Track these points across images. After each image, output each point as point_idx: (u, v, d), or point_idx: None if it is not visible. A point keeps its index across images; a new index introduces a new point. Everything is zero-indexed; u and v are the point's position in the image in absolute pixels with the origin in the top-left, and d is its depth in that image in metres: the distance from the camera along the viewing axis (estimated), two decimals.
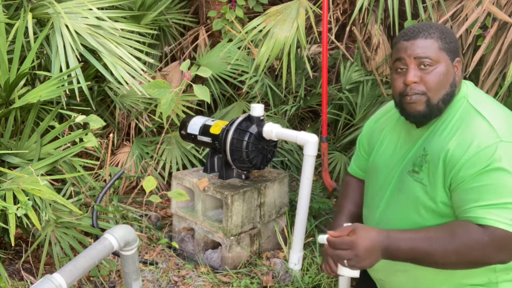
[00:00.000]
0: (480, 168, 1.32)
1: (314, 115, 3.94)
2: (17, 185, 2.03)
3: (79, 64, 2.58)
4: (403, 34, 1.47)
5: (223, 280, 2.37)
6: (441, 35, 1.44)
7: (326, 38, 3.04)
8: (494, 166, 1.31)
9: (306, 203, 2.37)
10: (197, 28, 3.94)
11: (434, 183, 1.40)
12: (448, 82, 1.42)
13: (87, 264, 1.50)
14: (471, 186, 1.33)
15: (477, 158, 1.32)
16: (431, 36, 1.43)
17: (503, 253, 1.31)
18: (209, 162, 2.64)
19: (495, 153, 1.31)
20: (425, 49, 1.41)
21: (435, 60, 1.41)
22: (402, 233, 1.39)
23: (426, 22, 1.49)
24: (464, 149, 1.35)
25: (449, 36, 1.45)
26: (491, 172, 1.31)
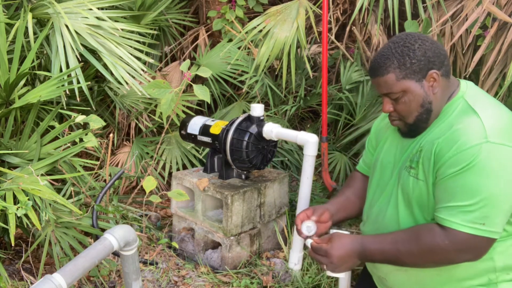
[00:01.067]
0: (460, 167, 1.34)
1: (314, 115, 3.94)
2: (17, 185, 2.03)
3: (79, 64, 2.58)
4: (369, 70, 1.54)
5: (223, 280, 2.37)
6: (399, 62, 1.43)
7: (326, 38, 3.04)
8: (470, 165, 1.33)
9: (306, 203, 2.37)
10: (197, 28, 3.94)
11: (427, 178, 1.44)
12: (417, 104, 1.46)
13: (87, 264, 1.50)
14: (448, 186, 1.37)
15: (460, 156, 1.35)
16: (387, 71, 1.45)
17: (466, 254, 1.36)
18: (209, 162, 2.64)
19: (477, 153, 1.32)
20: (385, 86, 1.47)
21: (398, 91, 1.46)
22: (374, 237, 1.52)
23: (385, 50, 1.47)
24: (450, 146, 1.37)
25: (410, 57, 1.43)
26: (468, 171, 1.33)
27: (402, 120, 1.52)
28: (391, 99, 1.50)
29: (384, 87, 1.48)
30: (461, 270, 1.44)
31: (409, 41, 1.45)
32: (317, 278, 2.34)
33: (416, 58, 1.43)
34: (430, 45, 1.44)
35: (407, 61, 1.43)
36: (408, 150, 1.54)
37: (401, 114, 1.50)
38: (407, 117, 1.49)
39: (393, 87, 1.46)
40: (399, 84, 1.45)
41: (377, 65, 1.47)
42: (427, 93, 1.45)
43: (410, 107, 1.47)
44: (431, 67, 1.44)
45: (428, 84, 1.45)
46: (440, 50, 1.46)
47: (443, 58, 1.46)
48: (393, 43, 1.47)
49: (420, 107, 1.46)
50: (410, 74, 1.44)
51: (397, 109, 1.50)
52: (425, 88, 1.45)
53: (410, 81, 1.44)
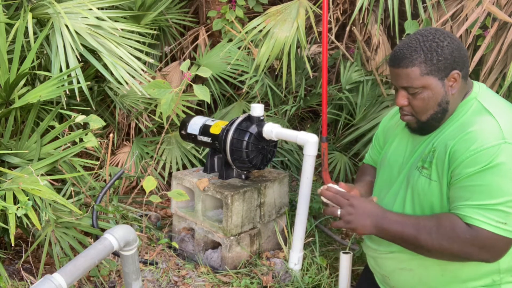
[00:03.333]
0: (479, 167, 1.33)
1: (314, 115, 3.94)
2: (17, 185, 2.03)
3: (79, 64, 2.58)
4: (391, 58, 1.50)
5: (223, 280, 2.37)
6: (426, 57, 1.41)
7: (326, 38, 3.04)
8: (492, 165, 1.31)
9: (306, 203, 2.37)
10: (197, 28, 3.94)
11: (441, 179, 1.42)
12: (435, 103, 1.45)
13: (87, 264, 1.50)
14: (466, 184, 1.35)
15: (478, 156, 1.33)
16: (412, 63, 1.42)
17: (485, 253, 1.34)
18: (209, 162, 2.64)
19: (496, 153, 1.32)
20: (407, 79, 1.44)
21: (419, 86, 1.43)
22: (395, 214, 1.47)
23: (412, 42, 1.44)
24: (467, 146, 1.36)
25: (437, 53, 1.41)
26: (488, 171, 1.32)
27: (414, 116, 1.49)
28: (408, 93, 1.47)
29: (404, 80, 1.44)
30: (466, 271, 1.44)
31: (439, 37, 1.42)
32: (317, 278, 2.34)
33: (443, 56, 1.40)
34: (457, 45, 1.43)
35: (434, 57, 1.40)
36: (419, 150, 1.53)
37: (416, 110, 1.48)
38: (421, 114, 1.47)
39: (415, 81, 1.43)
40: (422, 79, 1.42)
41: (402, 56, 1.43)
42: (446, 92, 1.44)
43: (427, 104, 1.45)
44: (455, 67, 1.42)
45: (448, 84, 1.43)
46: (465, 52, 1.45)
47: (466, 60, 1.45)
48: (422, 36, 1.43)
49: (437, 105, 1.45)
50: (434, 71, 1.41)
51: (413, 104, 1.47)
52: (445, 87, 1.43)
53: (433, 78, 1.42)
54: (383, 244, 1.60)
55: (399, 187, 1.57)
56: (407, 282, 1.55)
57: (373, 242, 1.67)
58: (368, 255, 1.72)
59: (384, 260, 1.61)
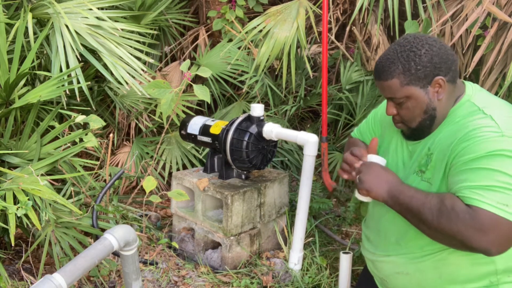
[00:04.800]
0: (478, 153, 1.31)
1: (314, 115, 3.94)
2: (17, 185, 2.03)
3: (79, 64, 2.58)
4: (373, 71, 1.50)
5: (223, 280, 2.37)
6: (404, 68, 1.40)
7: (326, 38, 3.04)
8: (491, 153, 1.30)
9: (306, 203, 2.37)
10: (197, 28, 3.94)
11: (441, 182, 1.41)
12: (421, 111, 1.45)
13: (87, 264, 1.50)
14: (464, 168, 1.33)
15: (477, 145, 1.32)
16: (392, 75, 1.42)
17: (486, 238, 1.27)
18: (209, 162, 2.64)
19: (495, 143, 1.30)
20: (389, 91, 1.45)
21: (402, 97, 1.44)
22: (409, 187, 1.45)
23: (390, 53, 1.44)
24: (466, 139, 1.35)
25: (415, 62, 1.39)
26: (487, 157, 1.30)
27: (404, 123, 1.51)
28: (394, 103, 1.48)
29: (387, 92, 1.46)
30: (463, 273, 1.43)
31: (416, 45, 1.41)
32: (317, 278, 2.34)
33: (421, 64, 1.39)
34: (437, 50, 1.40)
35: (412, 67, 1.40)
36: (415, 154, 1.52)
37: (403, 118, 1.49)
38: (410, 122, 1.48)
39: (397, 92, 1.44)
40: (403, 90, 1.42)
41: (382, 68, 1.45)
42: (431, 99, 1.43)
43: (413, 113, 1.46)
44: (437, 73, 1.41)
45: (433, 90, 1.42)
46: (449, 55, 1.42)
47: (451, 64, 1.42)
48: (400, 46, 1.43)
49: (423, 113, 1.45)
50: (414, 80, 1.41)
51: (400, 113, 1.49)
52: (429, 94, 1.43)
53: (415, 87, 1.42)
54: (380, 248, 1.60)
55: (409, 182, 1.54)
56: (405, 286, 1.55)
57: (371, 244, 1.67)
58: (367, 258, 1.72)
59: (381, 264, 1.61)
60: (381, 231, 1.61)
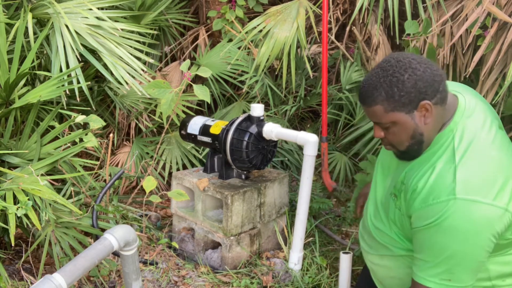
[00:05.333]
0: (427, 222, 1.33)
1: (314, 115, 3.94)
2: (17, 185, 2.03)
3: (79, 64, 2.58)
4: (358, 95, 1.46)
5: (223, 280, 2.37)
6: (387, 94, 1.34)
7: (326, 38, 3.04)
8: (435, 223, 1.31)
9: (306, 203, 2.37)
10: (197, 28, 3.94)
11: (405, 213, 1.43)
12: (407, 136, 1.39)
13: (87, 264, 1.50)
14: (417, 237, 1.39)
15: (427, 211, 1.33)
16: (375, 102, 1.36)
17: None
18: (209, 162, 2.64)
19: (444, 210, 1.30)
20: (374, 116, 1.40)
21: (387, 122, 1.39)
22: None
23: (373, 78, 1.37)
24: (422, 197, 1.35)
25: (399, 88, 1.33)
26: (434, 228, 1.32)
27: (392, 146, 1.47)
28: (381, 127, 1.44)
29: (373, 117, 1.41)
30: None
31: (399, 70, 1.33)
32: (317, 278, 2.34)
33: (405, 90, 1.32)
34: (421, 74, 1.32)
35: (395, 93, 1.33)
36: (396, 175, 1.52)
37: (391, 142, 1.45)
38: (398, 145, 1.44)
39: (382, 118, 1.38)
40: (388, 116, 1.37)
41: (365, 94, 1.39)
42: (418, 124, 1.37)
43: (400, 138, 1.41)
44: (422, 98, 1.33)
45: (419, 115, 1.36)
46: (434, 76, 1.34)
47: (438, 86, 1.34)
48: (382, 71, 1.36)
49: (410, 138, 1.39)
50: (399, 106, 1.34)
51: (387, 137, 1.44)
52: (416, 119, 1.36)
53: (400, 113, 1.35)
54: (373, 248, 1.60)
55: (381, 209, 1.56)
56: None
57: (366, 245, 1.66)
58: (365, 259, 1.72)
59: (377, 267, 1.62)
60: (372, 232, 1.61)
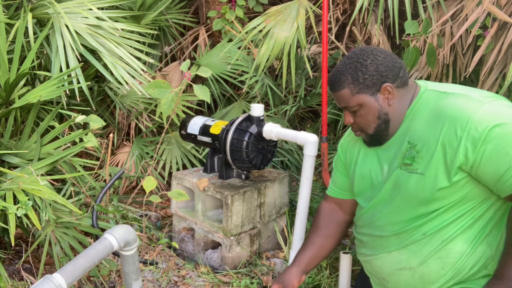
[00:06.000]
0: (480, 137, 1.34)
1: (314, 115, 3.94)
2: (17, 185, 2.03)
3: (79, 64, 2.58)
4: (327, 84, 1.62)
5: (223, 280, 2.37)
6: (353, 77, 1.50)
7: (326, 38, 3.04)
8: (490, 127, 1.33)
9: (306, 203, 2.37)
10: (197, 28, 3.94)
11: (433, 170, 1.43)
12: (374, 117, 1.53)
13: (87, 264, 1.50)
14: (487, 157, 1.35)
15: (473, 129, 1.35)
16: (342, 86, 1.52)
17: None
18: (209, 162, 2.64)
19: (485, 116, 1.35)
20: (342, 100, 1.55)
21: (354, 105, 1.53)
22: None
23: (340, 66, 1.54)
24: (457, 127, 1.38)
25: (362, 72, 1.49)
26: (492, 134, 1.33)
27: (362, 131, 1.58)
28: (350, 112, 1.57)
29: (341, 101, 1.55)
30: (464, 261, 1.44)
31: (362, 56, 1.51)
32: (317, 278, 2.34)
33: (368, 73, 1.49)
34: (382, 60, 1.50)
35: (360, 76, 1.50)
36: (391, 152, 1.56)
37: (359, 126, 1.57)
38: (366, 128, 1.56)
39: (349, 101, 1.53)
40: (354, 98, 1.52)
41: (333, 80, 1.55)
42: (382, 105, 1.52)
43: (367, 120, 1.54)
44: (384, 81, 1.50)
45: (383, 97, 1.51)
46: (394, 62, 1.51)
47: (397, 71, 1.51)
48: (348, 59, 1.53)
49: (377, 119, 1.53)
50: (363, 88, 1.50)
51: (356, 121, 1.57)
52: (379, 101, 1.51)
53: (364, 95, 1.51)
54: (378, 248, 1.60)
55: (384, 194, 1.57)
56: (407, 283, 1.55)
57: (366, 248, 1.67)
58: (363, 261, 1.72)
59: (382, 263, 1.60)
60: (375, 232, 1.62)
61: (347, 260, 2.05)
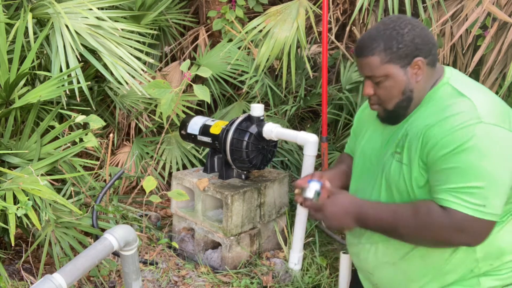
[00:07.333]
0: (453, 147, 1.30)
1: (314, 115, 3.94)
2: (17, 185, 2.03)
3: (79, 64, 2.58)
4: (354, 48, 1.49)
5: (223, 280, 2.37)
6: (385, 45, 1.39)
7: (326, 38, 3.04)
8: (466, 146, 1.29)
9: None
10: (197, 28, 3.94)
11: (412, 162, 1.41)
12: (399, 91, 1.43)
13: (87, 264, 1.50)
14: (442, 167, 1.33)
15: (453, 137, 1.31)
16: (372, 52, 1.41)
17: (464, 236, 1.32)
18: (209, 162, 2.64)
19: (471, 134, 1.29)
20: (369, 68, 1.43)
21: (381, 75, 1.42)
22: (372, 203, 1.49)
23: (373, 31, 1.43)
24: (442, 127, 1.34)
25: (397, 41, 1.39)
26: (462, 153, 1.29)
27: (381, 105, 1.49)
28: (372, 82, 1.46)
29: (367, 69, 1.44)
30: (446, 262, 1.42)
31: (399, 24, 1.40)
32: (317, 278, 2.34)
33: (403, 43, 1.39)
34: (420, 32, 1.40)
35: (394, 45, 1.39)
36: (392, 137, 1.51)
37: (381, 99, 1.47)
38: (386, 102, 1.47)
39: (376, 70, 1.42)
40: (382, 68, 1.41)
41: (363, 45, 1.43)
42: (410, 80, 1.42)
43: (391, 93, 1.44)
44: (417, 54, 1.40)
45: (412, 71, 1.42)
46: (430, 38, 1.42)
47: (431, 47, 1.42)
48: (383, 25, 1.42)
49: (401, 94, 1.44)
50: (395, 59, 1.40)
51: (377, 93, 1.46)
52: (408, 75, 1.42)
53: (394, 66, 1.41)
54: (365, 236, 1.58)
55: (374, 176, 1.55)
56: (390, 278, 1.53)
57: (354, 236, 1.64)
58: (352, 253, 1.69)
59: (366, 254, 1.58)
60: None
61: (347, 260, 2.05)
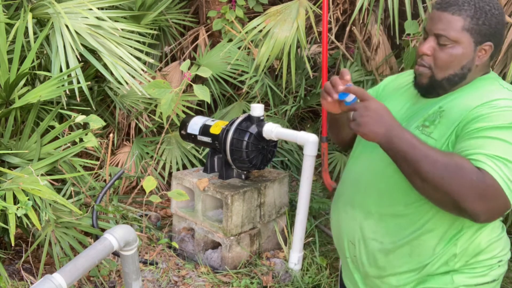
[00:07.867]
0: (498, 123, 1.27)
1: (314, 115, 3.94)
2: (17, 185, 2.03)
3: (79, 64, 2.58)
4: (437, 1, 1.41)
5: (223, 280, 2.37)
6: (474, 13, 1.34)
7: (326, 38, 3.04)
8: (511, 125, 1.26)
9: (306, 203, 2.37)
10: (197, 28, 3.94)
11: (441, 137, 1.36)
12: (459, 64, 1.38)
13: (87, 264, 1.49)
14: (480, 135, 1.28)
15: (499, 115, 1.28)
16: (459, 13, 1.34)
17: (481, 204, 1.24)
18: (209, 162, 2.64)
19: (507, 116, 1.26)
20: (446, 27, 1.36)
21: (453, 40, 1.36)
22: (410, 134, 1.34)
23: None
24: (488, 106, 1.30)
25: (486, 17, 1.34)
26: (506, 130, 1.26)
27: (430, 70, 1.42)
28: (437, 43, 1.38)
29: (443, 25, 1.36)
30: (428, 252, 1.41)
31: (494, 5, 1.36)
32: (317, 278, 2.34)
33: (489, 22, 1.34)
34: (503, 22, 1.38)
35: (481, 18, 1.34)
36: (420, 112, 1.46)
37: (437, 62, 1.39)
38: (440, 69, 1.40)
39: (451, 31, 1.35)
40: (460, 33, 1.35)
41: (453, 1, 1.36)
42: (474, 59, 1.37)
43: (451, 61, 1.38)
44: (491, 39, 1.36)
45: (479, 52, 1.37)
46: (503, 33, 1.41)
47: (500, 41, 1.40)
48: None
49: (460, 68, 1.38)
50: (475, 32, 1.35)
51: (437, 56, 1.38)
52: (475, 53, 1.37)
53: (471, 38, 1.35)
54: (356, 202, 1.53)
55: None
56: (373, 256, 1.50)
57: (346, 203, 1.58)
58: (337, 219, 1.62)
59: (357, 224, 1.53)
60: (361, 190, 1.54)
61: None
